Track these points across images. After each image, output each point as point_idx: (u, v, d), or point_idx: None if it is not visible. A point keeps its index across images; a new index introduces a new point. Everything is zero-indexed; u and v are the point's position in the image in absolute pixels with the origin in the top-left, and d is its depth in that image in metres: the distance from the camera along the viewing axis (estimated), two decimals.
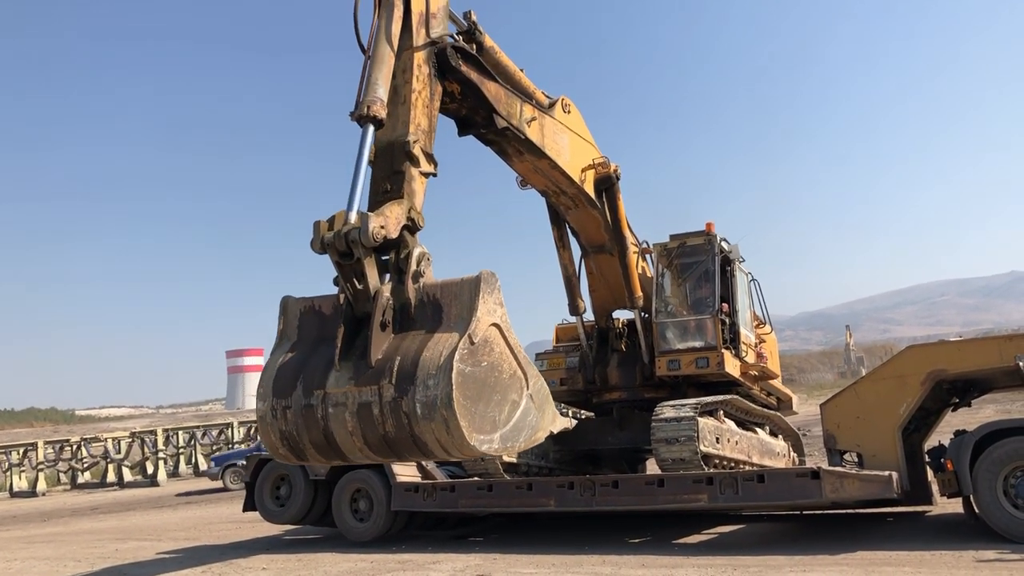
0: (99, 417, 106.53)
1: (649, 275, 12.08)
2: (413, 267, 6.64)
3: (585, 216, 10.89)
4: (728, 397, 10.99)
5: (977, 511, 8.39)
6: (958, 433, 8.78)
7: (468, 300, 6.46)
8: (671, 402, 10.34)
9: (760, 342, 12.75)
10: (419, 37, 7.21)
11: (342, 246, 6.29)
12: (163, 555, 12.30)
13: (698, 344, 11.14)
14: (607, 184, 10.73)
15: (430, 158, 7.15)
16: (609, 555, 9.02)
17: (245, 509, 12.88)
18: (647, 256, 12.17)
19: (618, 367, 11.87)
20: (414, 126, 7.04)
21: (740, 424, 11.27)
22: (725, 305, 11.44)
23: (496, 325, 6.58)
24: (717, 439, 10.20)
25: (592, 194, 10.50)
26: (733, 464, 10.57)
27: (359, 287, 6.49)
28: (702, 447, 9.71)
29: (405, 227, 6.72)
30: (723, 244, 11.70)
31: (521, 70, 9.05)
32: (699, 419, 9.82)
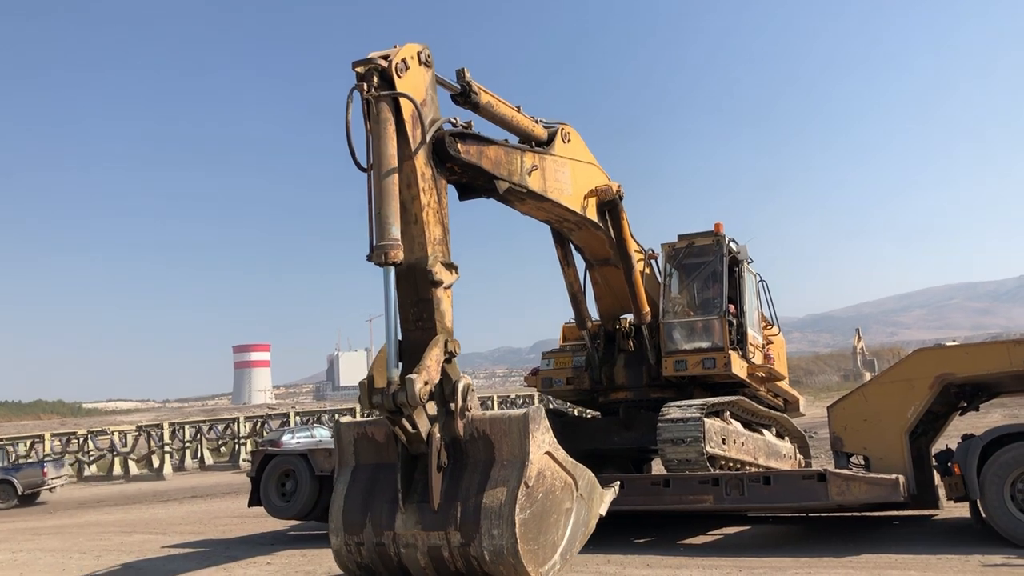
0: (105, 410, 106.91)
1: (656, 280, 12.04)
2: (460, 403, 7.05)
3: (589, 236, 10.88)
4: (734, 398, 10.95)
5: (984, 515, 8.35)
6: (966, 437, 8.75)
7: (518, 439, 6.92)
8: (677, 403, 10.32)
9: (768, 343, 12.71)
10: (415, 140, 7.24)
11: (391, 406, 6.71)
12: (168, 549, 12.33)
13: (705, 345, 11.10)
14: (610, 205, 10.67)
15: (450, 267, 7.37)
16: (614, 554, 9.00)
17: (251, 504, 12.88)
18: (653, 261, 12.15)
19: (625, 367, 11.83)
20: (431, 245, 7.22)
21: (746, 425, 11.24)
22: (732, 306, 11.40)
23: (547, 453, 7.08)
24: (723, 440, 10.17)
25: (595, 218, 10.46)
26: (739, 465, 10.54)
27: (411, 431, 6.91)
28: (708, 448, 9.69)
29: (445, 360, 7.06)
30: (731, 245, 11.66)
31: (518, 108, 9.04)
32: (705, 420, 9.79)
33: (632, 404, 11.80)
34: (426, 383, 6.79)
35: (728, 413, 10.69)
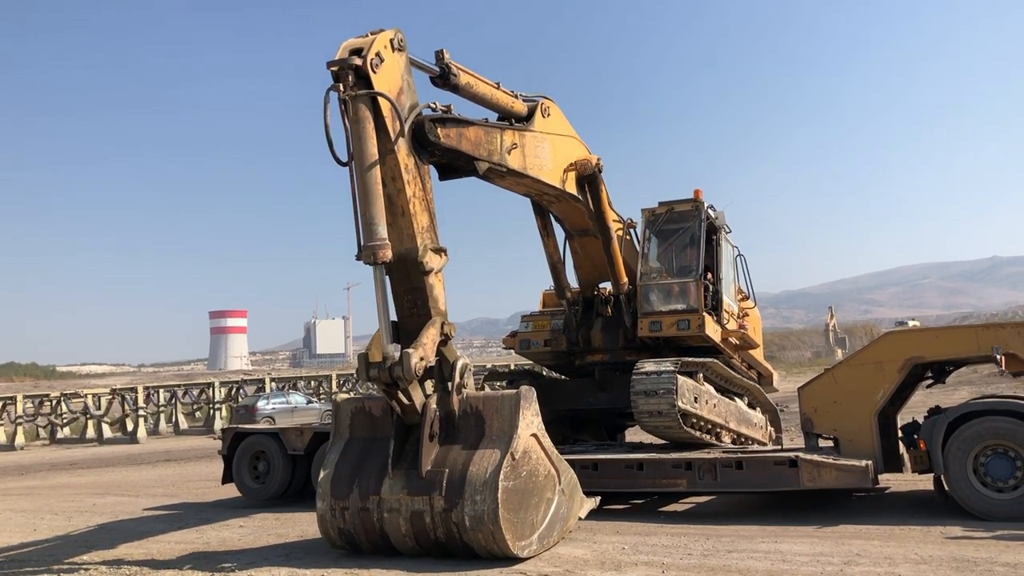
0: (80, 374, 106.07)
1: (635, 249, 12.18)
2: (457, 379, 7.40)
3: (568, 207, 11.06)
4: (708, 360, 11.12)
5: (947, 488, 8.53)
6: (932, 411, 8.90)
7: (509, 416, 7.22)
8: (652, 359, 10.53)
9: (744, 315, 12.92)
10: (394, 130, 7.35)
11: (387, 379, 6.99)
12: (141, 511, 12.34)
13: (680, 307, 11.30)
14: (590, 178, 10.81)
15: (439, 252, 7.63)
16: (584, 521, 9.10)
17: (224, 481, 12.67)
18: (631, 230, 12.30)
19: (602, 330, 12.02)
20: (419, 235, 7.46)
21: (719, 390, 11.44)
22: (709, 273, 11.64)
23: (534, 435, 7.34)
24: (695, 399, 10.34)
25: (574, 191, 10.62)
26: (711, 426, 10.72)
27: (406, 403, 7.20)
28: (680, 403, 9.84)
29: (441, 342, 7.40)
30: (710, 211, 11.82)
31: (497, 85, 9.09)
32: (679, 376, 9.95)
33: (607, 366, 11.97)
34: (422, 359, 7.04)
35: (701, 375, 10.86)
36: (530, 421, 7.33)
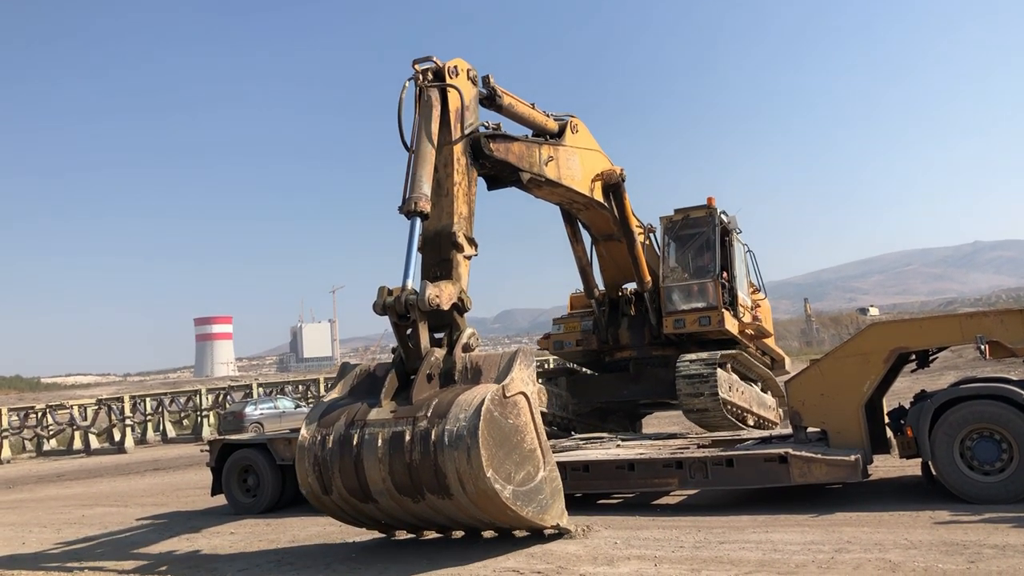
0: (65, 385, 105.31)
1: (655, 252, 13.27)
2: (464, 341, 7.79)
3: (595, 214, 12.18)
4: (737, 352, 12.33)
5: (935, 473, 8.58)
6: (918, 396, 8.95)
7: (506, 366, 7.47)
8: (691, 355, 11.77)
9: (756, 307, 13.94)
10: (456, 131, 8.49)
11: (401, 309, 7.41)
12: (131, 520, 12.26)
13: (701, 305, 12.42)
14: (614, 187, 11.93)
15: (472, 242, 8.35)
16: (576, 516, 9.10)
17: (213, 493, 12.47)
18: (651, 235, 13.35)
19: (628, 329, 13.17)
20: (457, 216, 8.24)
21: (742, 378, 12.57)
22: (725, 272, 12.66)
23: (526, 395, 7.44)
24: (729, 387, 11.60)
25: (600, 198, 11.74)
26: (740, 411, 11.86)
27: (411, 347, 7.56)
28: (720, 392, 11.18)
29: (455, 306, 7.83)
30: (722, 216, 12.89)
31: (532, 105, 10.28)
32: (718, 371, 11.28)
33: (638, 361, 13.15)
34: (436, 296, 7.46)
35: (730, 365, 12.07)
36: (525, 379, 7.48)
